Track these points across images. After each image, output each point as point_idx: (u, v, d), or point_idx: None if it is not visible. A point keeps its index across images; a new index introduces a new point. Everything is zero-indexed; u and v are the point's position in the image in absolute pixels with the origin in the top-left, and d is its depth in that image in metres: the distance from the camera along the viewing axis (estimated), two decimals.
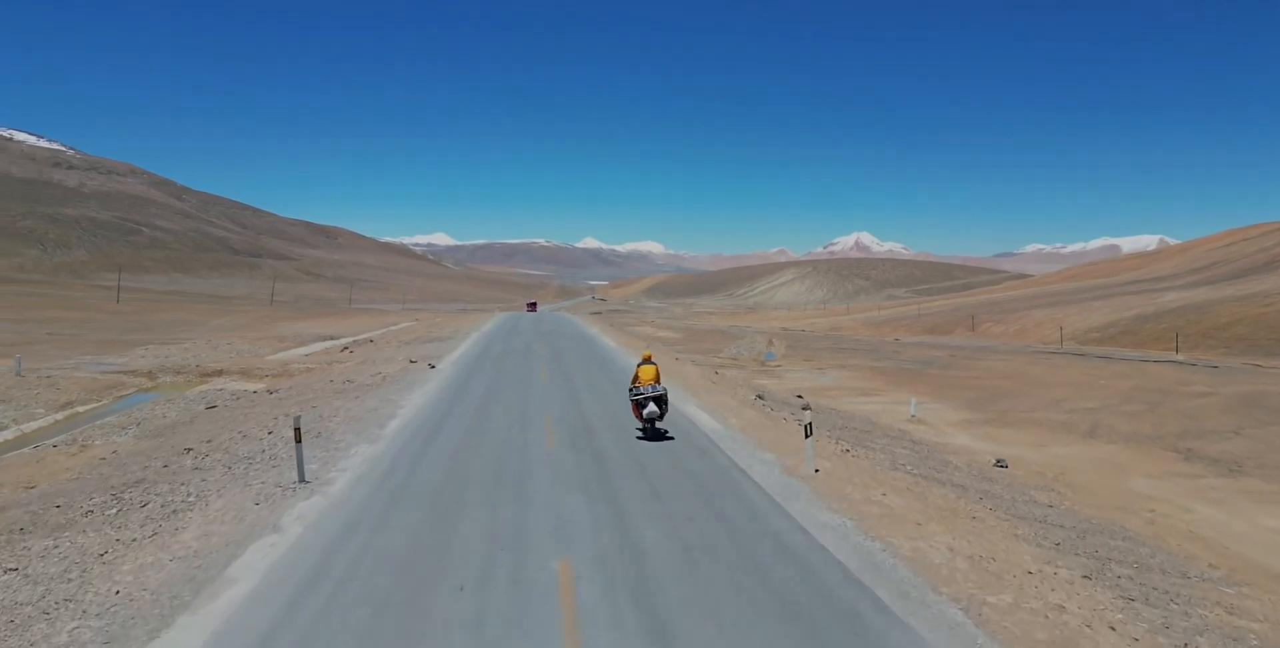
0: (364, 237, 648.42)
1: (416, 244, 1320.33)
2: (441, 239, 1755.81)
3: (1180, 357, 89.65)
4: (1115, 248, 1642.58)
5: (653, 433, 15.60)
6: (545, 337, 44.47)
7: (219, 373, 28.98)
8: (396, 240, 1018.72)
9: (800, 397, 27.16)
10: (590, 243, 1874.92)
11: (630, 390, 16.09)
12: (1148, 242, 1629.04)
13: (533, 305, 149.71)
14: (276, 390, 22.71)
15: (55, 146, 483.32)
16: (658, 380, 15.90)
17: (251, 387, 26.41)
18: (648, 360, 16.43)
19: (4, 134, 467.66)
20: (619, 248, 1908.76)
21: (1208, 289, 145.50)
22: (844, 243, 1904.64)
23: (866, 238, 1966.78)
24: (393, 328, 66.53)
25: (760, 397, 21.51)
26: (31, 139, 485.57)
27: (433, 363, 27.93)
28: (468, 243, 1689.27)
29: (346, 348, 38.12)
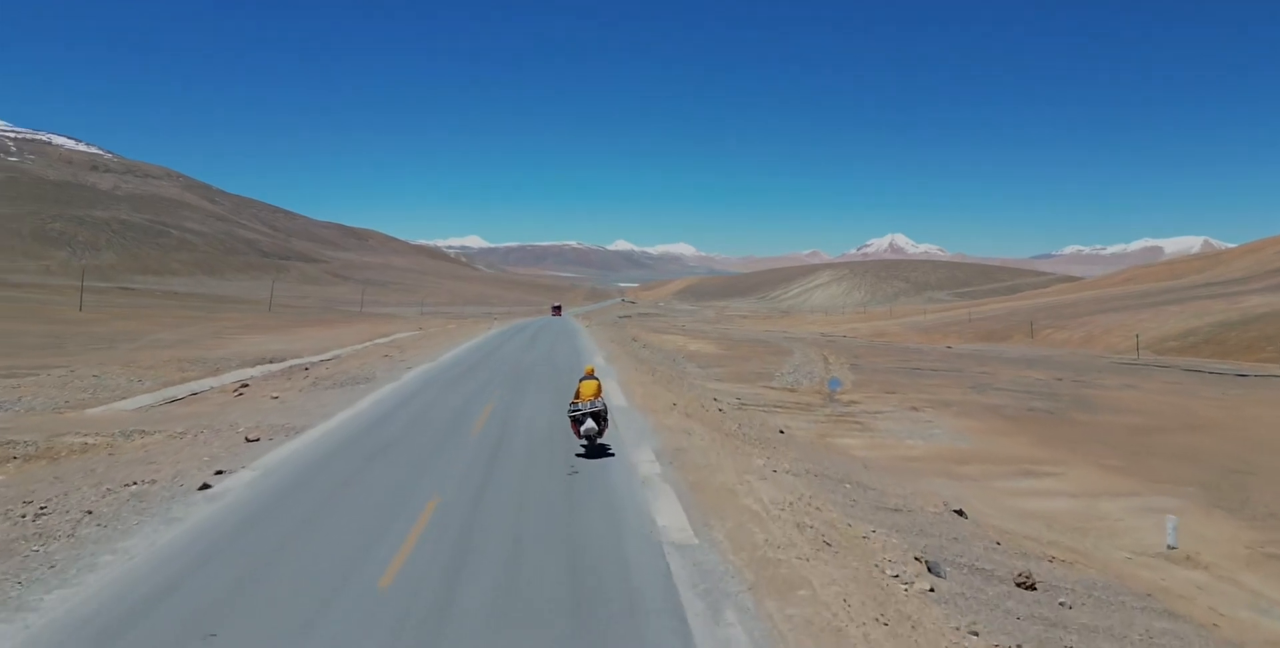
0: (395, 239, 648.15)
1: (450, 247, 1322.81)
2: (475, 242, 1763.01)
3: None
4: (1158, 250, 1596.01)
5: (593, 450, 15.54)
6: (520, 378, 29.56)
7: None
8: (430, 243, 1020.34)
9: (1026, 583, 10.70)
10: (622, 245, 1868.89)
11: (569, 406, 15.92)
12: (1192, 243, 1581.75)
13: (558, 309, 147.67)
14: None
15: (94, 150, 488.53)
16: (598, 395, 15.88)
17: None
18: (590, 375, 16.60)
19: (43, 138, 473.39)
20: (650, 250, 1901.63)
21: None
22: (878, 245, 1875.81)
23: (901, 239, 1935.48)
24: (378, 341, 56.67)
25: (931, 588, 9.02)
26: (70, 143, 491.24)
27: (221, 470, 14.15)
28: (501, 245, 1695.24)
29: (243, 385, 27.78)
